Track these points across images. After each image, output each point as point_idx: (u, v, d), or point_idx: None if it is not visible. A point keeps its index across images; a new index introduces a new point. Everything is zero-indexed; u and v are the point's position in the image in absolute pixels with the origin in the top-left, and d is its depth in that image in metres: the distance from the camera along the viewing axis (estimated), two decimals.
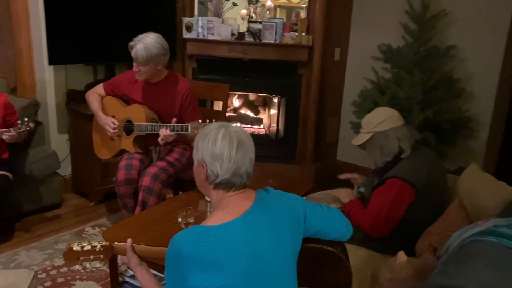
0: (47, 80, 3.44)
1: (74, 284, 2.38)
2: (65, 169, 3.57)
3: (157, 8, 3.57)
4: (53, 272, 2.47)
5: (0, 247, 2.71)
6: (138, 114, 2.61)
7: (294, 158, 3.98)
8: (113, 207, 3.21)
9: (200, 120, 2.41)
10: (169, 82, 2.64)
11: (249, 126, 4.20)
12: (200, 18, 3.67)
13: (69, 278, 2.42)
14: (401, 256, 1.61)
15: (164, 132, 2.44)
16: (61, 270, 2.48)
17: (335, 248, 1.50)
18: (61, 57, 3.29)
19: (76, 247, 1.46)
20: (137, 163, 2.59)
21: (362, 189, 2.33)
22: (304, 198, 1.61)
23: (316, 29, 3.64)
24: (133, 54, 2.47)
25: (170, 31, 3.59)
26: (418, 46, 3.31)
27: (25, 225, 3.00)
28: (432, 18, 3.27)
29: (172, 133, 2.44)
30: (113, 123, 2.62)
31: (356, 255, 1.94)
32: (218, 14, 3.87)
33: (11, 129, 2.55)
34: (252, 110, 4.23)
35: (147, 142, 2.71)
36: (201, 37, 3.69)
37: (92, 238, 2.87)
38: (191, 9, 3.77)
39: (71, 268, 2.49)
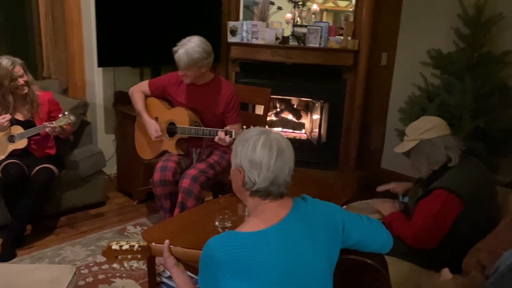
0: (96, 81, 3.57)
1: (114, 282, 2.43)
2: (111, 168, 3.69)
3: (203, 12, 3.61)
4: (95, 268, 2.54)
5: (47, 241, 2.82)
6: (182, 117, 2.65)
7: (336, 165, 3.90)
8: (155, 207, 3.25)
9: (244, 127, 2.42)
10: (215, 84, 2.68)
11: (291, 130, 4.16)
12: (244, 22, 3.69)
13: (109, 275, 2.48)
14: (446, 273, 1.53)
15: (222, 136, 2.45)
16: (103, 267, 2.55)
17: (374, 260, 1.44)
18: (110, 59, 3.40)
19: (115, 246, 1.49)
20: (173, 165, 2.62)
21: (406, 199, 2.24)
22: (343, 207, 1.56)
23: (363, 33, 3.56)
24: (175, 59, 2.52)
25: (215, 35, 3.63)
26: (471, 51, 3.15)
27: (70, 221, 3.11)
28: (487, 22, 3.11)
29: (230, 138, 2.44)
30: (156, 131, 2.68)
31: (397, 268, 1.86)
32: (263, 18, 3.87)
33: (53, 122, 2.66)
34: (294, 115, 4.19)
35: (189, 144, 2.74)
36: (245, 41, 3.70)
37: (133, 237, 2.93)
38: (236, 13, 3.79)
39: (112, 265, 2.55)
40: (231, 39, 3.71)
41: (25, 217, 2.71)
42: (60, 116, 2.67)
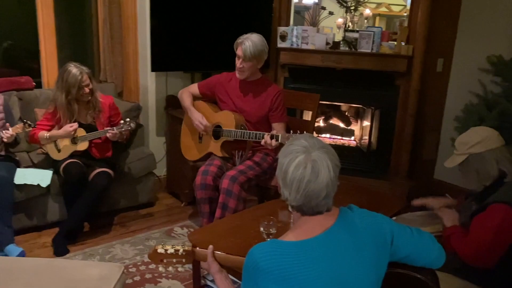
0: (149, 85, 3.68)
1: (160, 282, 2.48)
2: (161, 170, 3.79)
3: (254, 18, 3.64)
4: (142, 267, 2.60)
5: (99, 239, 2.93)
6: (228, 120, 2.68)
7: (386, 173, 3.78)
8: None
9: (291, 131, 2.43)
10: (262, 83, 2.73)
11: (339, 137, 4.08)
12: (295, 27, 3.67)
13: (156, 275, 2.53)
14: None
15: (267, 140, 2.46)
16: (150, 266, 2.61)
17: (424, 275, 1.37)
18: (163, 64, 3.51)
19: (160, 250, 1.51)
20: (215, 169, 2.64)
21: None
22: (392, 218, 1.50)
23: (418, 38, 3.44)
24: (241, 50, 2.57)
25: (265, 40, 3.63)
26: None
27: (121, 220, 3.22)
28: None
29: (277, 142, 2.44)
30: (202, 119, 2.72)
31: (450, 286, 1.76)
32: (313, 23, 3.84)
33: (114, 127, 2.77)
34: (343, 121, 4.11)
35: (233, 147, 2.76)
36: (295, 46, 3.68)
37: (180, 238, 2.98)
38: (287, 18, 3.78)
39: (158, 265, 2.60)
40: (280, 44, 3.71)
41: (80, 215, 2.83)
42: (121, 122, 2.78)
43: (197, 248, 1.53)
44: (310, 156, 1.21)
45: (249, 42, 2.56)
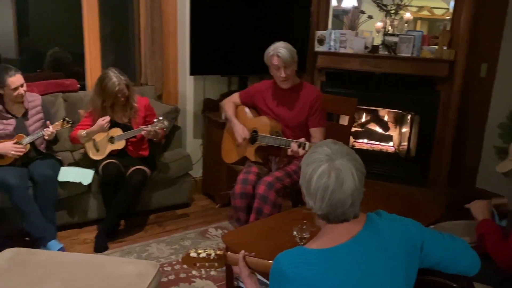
0: (187, 89, 3.75)
1: (194, 282, 2.52)
2: (197, 171, 3.84)
3: (292, 22, 3.64)
4: (177, 267, 2.65)
5: (137, 237, 3.01)
6: (264, 126, 2.69)
7: (425, 181, 3.67)
8: None
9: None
10: (300, 87, 2.72)
11: (377, 143, 4.01)
12: (333, 31, 3.65)
13: (190, 275, 2.57)
14: None
15: (294, 148, 2.44)
16: (184, 266, 2.59)
17: (459, 284, 1.32)
18: (201, 68, 3.56)
19: (193, 254, 1.54)
20: (253, 178, 2.64)
21: (503, 223, 2.03)
22: (430, 227, 1.46)
23: (460, 42, 3.33)
24: (278, 60, 2.55)
25: (303, 44, 3.63)
26: None
27: (158, 220, 3.29)
28: None
29: (304, 151, 2.42)
30: (243, 133, 2.73)
31: None
32: (352, 27, 3.80)
33: (148, 125, 2.85)
34: (381, 127, 4.04)
35: (268, 152, 2.76)
36: (332, 50, 3.65)
37: (214, 239, 3.02)
38: (325, 22, 3.76)
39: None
40: (318, 48, 3.69)
41: (118, 212, 2.92)
42: (155, 120, 2.85)
43: (229, 253, 1.56)
44: (333, 164, 1.18)
45: (282, 49, 2.55)
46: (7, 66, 2.74)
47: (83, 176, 2.91)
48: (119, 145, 2.94)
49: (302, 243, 1.91)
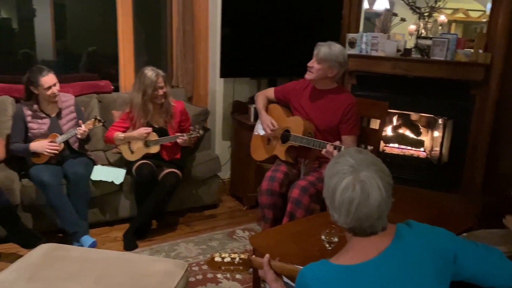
0: (217, 91, 3.79)
1: (221, 282, 2.54)
2: (225, 173, 3.88)
3: (323, 25, 3.63)
4: (205, 267, 2.68)
5: (165, 236, 3.06)
6: (297, 126, 2.68)
7: (458, 187, 3.58)
8: None
9: (342, 146, 2.39)
10: (335, 92, 2.69)
11: (408, 147, 3.94)
12: (364, 34, 3.61)
13: (217, 275, 2.59)
14: None
15: (330, 149, 2.43)
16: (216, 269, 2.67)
17: None
18: (231, 71, 3.60)
19: (217, 258, 1.54)
20: (281, 176, 2.64)
21: None
22: (462, 235, 1.41)
23: (497, 45, 3.23)
24: (316, 50, 2.58)
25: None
26: None
27: (186, 220, 3.34)
28: None
29: (336, 151, 2.40)
30: (272, 124, 2.74)
31: None
32: (384, 30, 3.75)
33: (184, 134, 2.90)
34: (412, 131, 3.96)
35: (298, 153, 2.76)
36: (364, 53, 3.61)
37: (241, 241, 3.03)
38: (356, 25, 3.73)
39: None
40: (349, 51, 3.65)
41: (149, 213, 2.98)
42: (191, 129, 2.91)
43: (253, 257, 1.55)
44: (358, 176, 1.13)
45: (327, 46, 2.57)
46: (40, 66, 2.84)
47: (115, 175, 2.98)
48: (154, 149, 3.00)
49: (330, 247, 1.89)
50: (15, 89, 3.20)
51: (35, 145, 2.79)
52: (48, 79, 2.78)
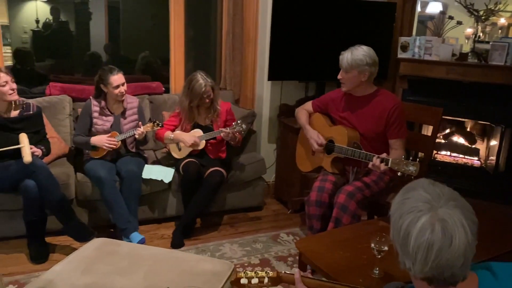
0: (264, 94, 3.81)
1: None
2: (270, 176, 3.88)
3: (374, 28, 3.56)
4: (249, 269, 2.67)
5: (210, 236, 3.10)
6: (341, 136, 2.60)
7: None
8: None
9: (403, 156, 2.27)
10: (376, 96, 2.58)
11: (461, 156, 3.78)
12: (418, 37, 3.50)
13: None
14: None
15: (376, 163, 2.32)
16: (256, 268, 2.66)
17: None
18: (279, 74, 3.59)
19: (243, 280, 1.40)
20: (330, 186, 2.58)
21: None
22: None
23: None
24: (340, 60, 2.53)
25: (385, 50, 3.54)
26: None
27: (230, 221, 3.36)
28: None
29: (386, 167, 2.29)
30: (318, 138, 2.68)
31: None
32: (438, 33, 3.62)
33: (227, 128, 2.93)
34: (466, 139, 3.80)
35: (345, 163, 2.68)
36: (416, 57, 3.51)
37: (285, 245, 3.01)
38: (409, 28, 3.63)
39: (265, 269, 2.66)
40: (401, 54, 3.57)
41: (195, 211, 3.03)
42: (233, 123, 2.93)
43: (283, 272, 1.44)
44: (437, 214, 0.96)
45: (348, 53, 2.48)
46: (111, 66, 2.98)
47: (165, 174, 3.06)
48: (200, 145, 3.05)
49: (379, 256, 1.85)
50: (72, 89, 3.37)
51: (95, 139, 2.92)
52: (117, 78, 2.92)
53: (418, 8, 3.73)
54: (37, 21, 3.97)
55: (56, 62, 4.07)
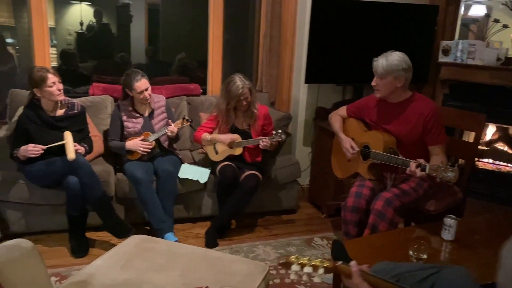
0: (300, 97, 3.80)
1: None
2: (304, 179, 3.86)
3: (415, 31, 3.49)
4: (283, 271, 2.68)
5: (244, 237, 3.12)
6: (377, 142, 2.55)
7: None
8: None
9: (441, 162, 2.19)
10: (411, 102, 2.51)
11: (504, 164, 3.64)
12: (460, 41, 3.41)
13: (295, 281, 2.58)
14: None
15: (412, 168, 2.26)
16: (289, 271, 2.66)
17: None
18: (316, 77, 3.58)
19: (295, 267, 1.33)
20: (367, 192, 2.54)
21: None
22: None
23: None
24: (373, 67, 2.49)
25: (425, 54, 3.46)
26: None
27: (264, 223, 3.37)
28: None
29: (423, 173, 2.22)
30: (352, 147, 2.66)
31: None
32: (482, 37, 3.51)
33: (266, 138, 2.93)
34: (510, 146, 3.66)
35: (382, 169, 2.63)
36: (459, 61, 3.42)
37: (319, 249, 2.99)
38: (452, 32, 3.54)
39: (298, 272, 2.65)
40: (442, 58, 3.48)
41: (230, 213, 3.06)
42: (273, 133, 2.94)
43: (340, 263, 1.36)
44: None
45: (383, 59, 2.43)
46: (136, 71, 3.03)
47: (201, 174, 3.10)
48: (237, 151, 3.08)
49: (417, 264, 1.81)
50: (114, 89, 3.47)
51: (130, 144, 2.99)
52: (141, 84, 2.97)
53: (461, 11, 3.63)
54: (81, 24, 4.12)
55: (98, 63, 4.21)
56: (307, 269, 1.33)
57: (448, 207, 2.58)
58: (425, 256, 1.80)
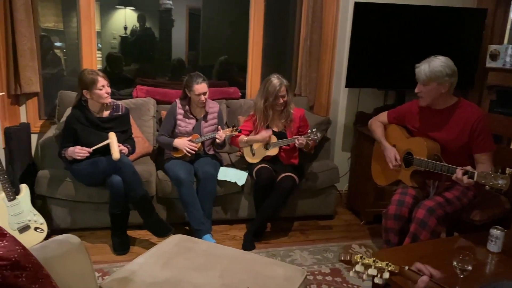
0: (340, 101, 3.76)
1: None
2: (342, 185, 3.82)
3: (461, 35, 3.39)
4: (319, 277, 2.66)
5: (280, 241, 3.11)
6: (420, 148, 2.48)
7: None
8: (381, 231, 3.21)
9: (490, 169, 2.08)
10: (457, 108, 2.44)
11: None
12: (510, 45, 3.28)
13: (332, 287, 2.55)
14: None
15: (459, 175, 2.19)
16: (326, 277, 2.65)
17: None
18: (357, 81, 3.53)
19: (359, 267, 1.31)
20: (410, 200, 2.48)
21: None
22: None
23: None
24: (416, 73, 2.43)
25: (472, 59, 3.35)
26: None
27: (301, 228, 3.35)
28: None
29: (470, 180, 2.15)
30: (395, 159, 2.59)
31: None
32: None
33: (302, 136, 2.92)
34: None
35: (425, 176, 2.56)
36: (507, 66, 3.28)
37: None
38: (501, 36, 3.41)
39: (335, 279, 2.63)
40: (490, 64, 3.35)
41: (267, 216, 3.07)
42: (308, 132, 2.92)
43: (407, 268, 1.31)
44: None
45: (425, 65, 2.37)
46: (198, 74, 3.12)
47: (239, 176, 3.13)
48: (273, 151, 3.09)
49: (462, 276, 1.75)
50: (156, 92, 3.56)
51: (178, 142, 3.07)
52: (200, 87, 3.06)
53: (511, 15, 3.50)
54: (125, 28, 4.26)
55: (140, 66, 4.33)
56: (371, 271, 1.30)
57: (494, 217, 2.48)
58: (470, 268, 1.73)
